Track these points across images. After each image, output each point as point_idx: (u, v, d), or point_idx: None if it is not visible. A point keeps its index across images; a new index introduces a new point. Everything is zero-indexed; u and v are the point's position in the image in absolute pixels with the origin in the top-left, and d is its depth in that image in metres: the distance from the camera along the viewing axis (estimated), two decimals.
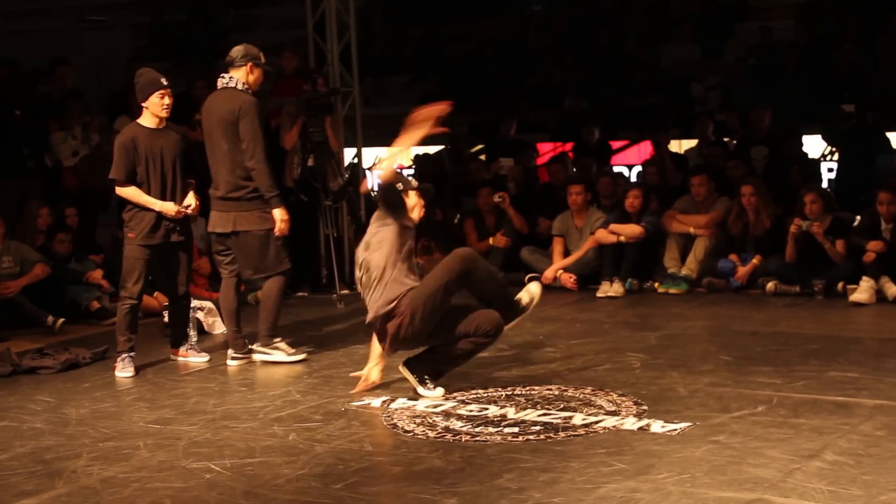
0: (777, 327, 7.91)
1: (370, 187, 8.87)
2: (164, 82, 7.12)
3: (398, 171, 6.33)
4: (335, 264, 9.57)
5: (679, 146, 12.80)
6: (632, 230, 9.61)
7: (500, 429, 5.56)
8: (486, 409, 5.93)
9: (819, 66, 12.85)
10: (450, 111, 6.50)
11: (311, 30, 11.23)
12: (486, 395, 6.24)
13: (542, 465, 4.96)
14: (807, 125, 12.04)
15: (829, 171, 12.01)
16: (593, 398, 6.06)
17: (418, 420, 5.78)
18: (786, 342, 7.32)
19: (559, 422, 5.63)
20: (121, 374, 7.12)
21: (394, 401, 6.17)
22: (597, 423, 5.59)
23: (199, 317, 8.27)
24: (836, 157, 12.05)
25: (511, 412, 5.84)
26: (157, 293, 8.69)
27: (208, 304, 8.59)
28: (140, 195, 7.09)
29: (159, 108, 7.10)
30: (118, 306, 7.27)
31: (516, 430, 5.52)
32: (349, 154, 11.85)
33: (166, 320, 7.90)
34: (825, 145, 12.24)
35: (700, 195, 9.80)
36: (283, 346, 7.33)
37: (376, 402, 6.15)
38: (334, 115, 10.42)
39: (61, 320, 8.65)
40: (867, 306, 8.51)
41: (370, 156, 13.55)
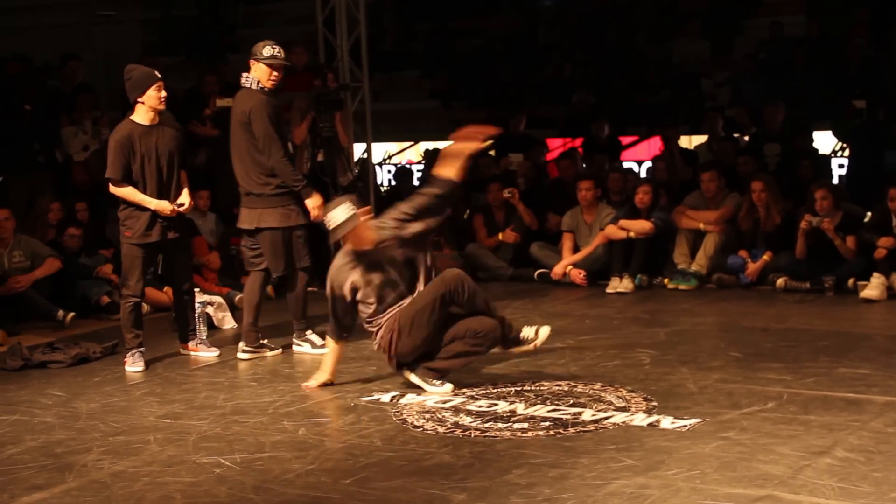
0: (787, 324, 7.90)
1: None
2: (158, 74, 7.11)
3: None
4: None
5: (689, 142, 12.78)
6: (641, 226, 9.60)
7: (509, 424, 5.55)
8: (496, 404, 5.93)
9: (830, 62, 12.81)
10: (496, 135, 6.47)
11: (321, 25, 11.24)
12: (495, 390, 6.24)
13: (551, 461, 4.96)
14: (817, 121, 12.01)
15: (840, 167, 11.98)
16: (603, 394, 6.06)
17: (428, 415, 5.78)
18: (796, 339, 7.30)
19: (569, 418, 5.63)
20: (131, 368, 7.14)
21: (403, 396, 6.18)
22: (606, 418, 5.58)
23: (210, 312, 8.28)
24: (846, 152, 12.02)
25: (521, 408, 5.84)
26: (166, 287, 8.70)
27: (218, 299, 8.60)
28: (135, 194, 7.04)
29: (156, 101, 7.05)
30: (121, 304, 7.27)
31: (526, 425, 5.52)
32: (359, 149, 11.86)
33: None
34: (836, 141, 12.22)
35: (710, 191, 9.78)
36: (311, 338, 7.46)
37: (386, 398, 6.16)
38: (344, 110, 10.43)
39: (71, 314, 8.68)
40: (878, 303, 8.48)
41: (379, 151, 13.57)
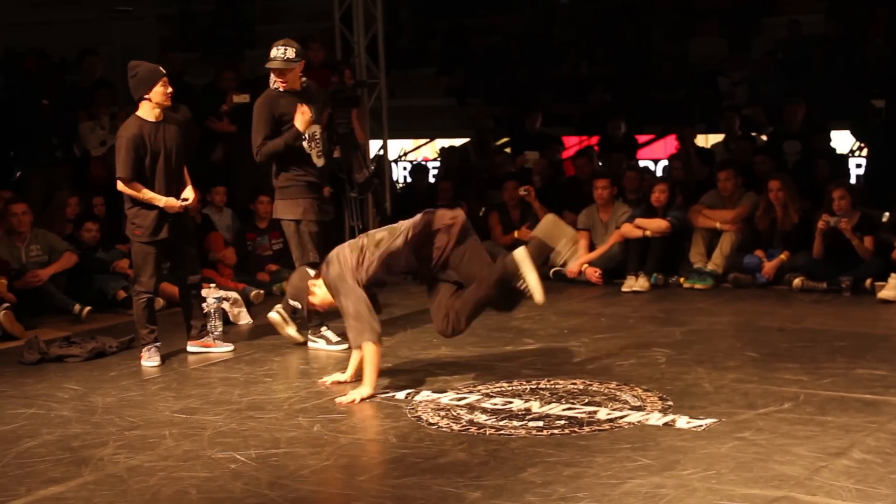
0: (804, 324, 7.87)
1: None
2: (163, 70, 7.12)
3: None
4: None
5: (705, 141, 12.75)
6: (657, 224, 9.58)
7: (524, 422, 5.55)
8: (511, 402, 5.93)
9: (848, 61, 12.76)
10: None
11: (338, 21, 11.25)
12: (510, 388, 6.24)
13: (566, 460, 4.95)
14: (835, 120, 11.97)
15: (858, 166, 11.93)
16: (618, 393, 6.05)
17: (443, 413, 5.78)
18: (812, 339, 7.28)
19: (584, 416, 5.62)
20: (147, 363, 7.15)
21: (418, 393, 6.18)
22: (622, 417, 5.57)
23: (225, 307, 8.29)
24: (864, 152, 11.97)
25: (536, 406, 5.84)
26: None
27: (234, 294, 8.61)
28: (145, 192, 7.04)
29: (163, 96, 7.04)
30: (134, 301, 7.27)
31: (541, 424, 5.52)
32: (375, 146, 11.87)
33: None
34: (853, 141, 12.17)
35: (727, 190, 9.75)
36: (327, 334, 7.47)
37: (400, 395, 6.16)
38: (360, 107, 10.43)
39: (88, 309, 8.70)
40: (895, 303, 8.45)
41: (395, 148, 13.57)
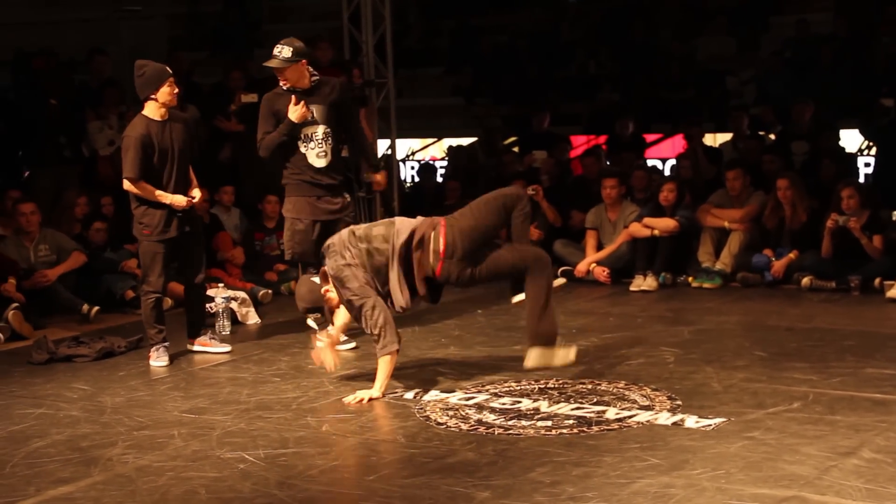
0: (812, 323, 7.86)
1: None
2: (169, 70, 7.12)
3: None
4: None
5: (713, 140, 12.73)
6: (666, 224, 9.57)
7: (533, 422, 5.55)
8: (519, 402, 5.92)
9: (857, 60, 12.72)
10: None
11: (346, 21, 11.25)
12: (518, 388, 6.24)
13: (575, 460, 4.95)
14: (844, 119, 11.94)
15: (866, 165, 11.90)
16: (627, 392, 6.04)
17: (451, 412, 5.78)
18: (821, 338, 7.26)
19: (592, 416, 5.62)
20: (155, 363, 7.16)
21: (427, 393, 6.18)
22: (630, 417, 5.57)
23: (234, 307, 8.31)
24: (872, 151, 11.94)
25: (544, 406, 5.83)
26: None
27: (242, 294, 8.62)
28: (152, 191, 7.04)
29: (169, 97, 7.05)
30: (142, 300, 7.27)
31: (549, 423, 5.51)
32: (382, 146, 11.87)
33: None
34: (862, 140, 12.14)
35: (735, 189, 9.74)
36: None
37: (409, 395, 6.16)
38: (368, 106, 10.43)
39: (96, 308, 8.70)
40: None
41: (403, 147, 13.56)
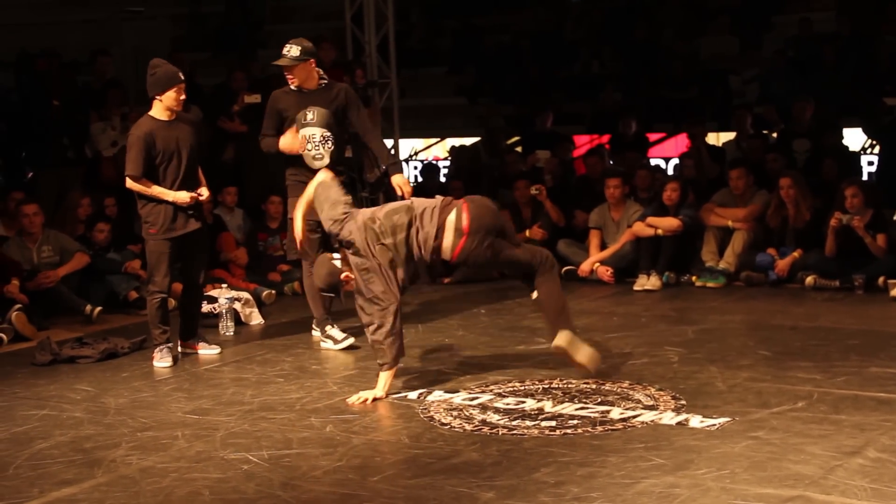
0: (816, 322, 7.84)
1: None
2: (181, 77, 7.12)
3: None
4: None
5: (716, 139, 12.72)
6: (669, 223, 9.56)
7: (537, 422, 5.54)
8: (524, 402, 5.92)
9: (860, 59, 12.71)
10: None
11: (349, 21, 11.25)
12: (522, 388, 6.23)
13: (579, 460, 4.94)
14: (847, 118, 11.92)
15: (869, 164, 11.89)
16: (631, 392, 6.04)
17: (455, 413, 5.77)
18: (825, 337, 7.25)
19: (597, 416, 5.61)
20: (159, 364, 7.15)
21: (430, 393, 6.17)
22: (635, 417, 5.56)
23: (237, 307, 8.30)
24: (875, 150, 11.93)
25: (548, 406, 5.82)
26: None
27: (245, 294, 8.61)
28: (153, 188, 7.04)
29: (174, 102, 7.05)
30: (148, 300, 7.26)
31: (553, 423, 5.51)
32: (385, 145, 11.85)
33: (203, 310, 7.90)
34: (865, 138, 12.12)
35: (738, 188, 9.73)
36: (333, 333, 7.48)
37: (413, 395, 6.15)
38: (371, 106, 10.43)
39: (98, 309, 8.69)
40: None
41: (406, 147, 13.55)
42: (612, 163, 11.75)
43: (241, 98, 10.56)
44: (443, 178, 13.16)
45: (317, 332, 7.64)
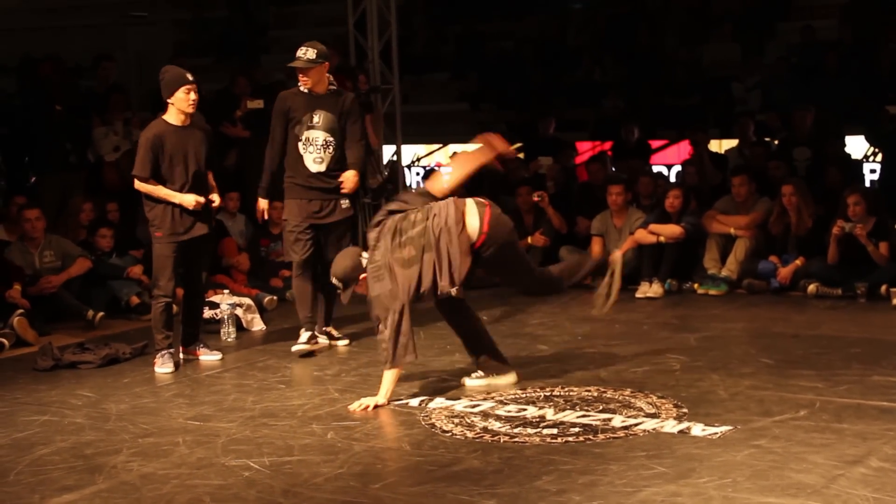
0: (819, 330, 7.84)
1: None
2: (190, 77, 7.12)
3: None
4: None
5: (719, 146, 12.72)
6: (671, 230, 9.56)
7: (538, 430, 5.53)
8: (525, 409, 5.91)
9: (862, 67, 12.72)
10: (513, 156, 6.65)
11: (352, 27, 11.25)
12: (524, 395, 6.22)
13: (581, 468, 4.93)
14: (850, 126, 11.92)
15: (872, 171, 11.89)
16: (633, 400, 6.03)
17: (456, 420, 5.76)
18: (828, 345, 7.24)
19: (598, 423, 5.60)
20: (160, 369, 7.15)
21: (432, 400, 6.17)
22: (636, 425, 5.55)
23: (239, 313, 8.30)
24: (878, 157, 11.92)
25: (550, 413, 5.82)
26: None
27: (247, 300, 8.61)
28: (159, 189, 7.06)
29: (185, 103, 7.08)
30: (152, 304, 7.28)
31: (555, 431, 5.50)
32: (388, 151, 11.86)
33: (204, 315, 7.90)
34: (867, 146, 12.12)
35: (741, 195, 9.73)
36: (302, 338, 7.55)
37: (414, 402, 6.15)
38: (374, 112, 10.42)
39: (100, 314, 8.70)
40: None
41: (409, 153, 13.53)
42: (614, 169, 11.74)
43: (243, 103, 10.56)
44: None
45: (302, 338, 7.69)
